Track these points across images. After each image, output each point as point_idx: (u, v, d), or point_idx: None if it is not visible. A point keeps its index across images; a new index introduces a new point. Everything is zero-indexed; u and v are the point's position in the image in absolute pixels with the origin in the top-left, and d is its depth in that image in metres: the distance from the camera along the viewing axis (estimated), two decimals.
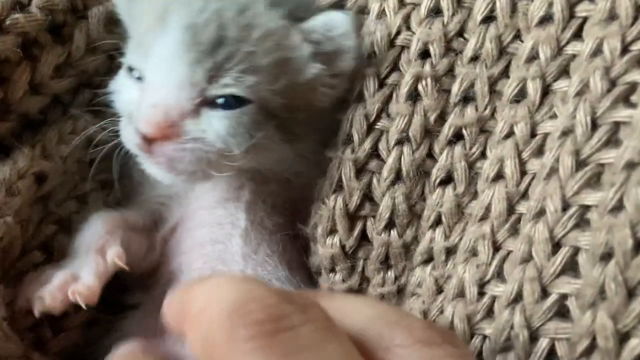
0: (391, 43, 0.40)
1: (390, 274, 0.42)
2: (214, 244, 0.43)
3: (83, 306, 0.39)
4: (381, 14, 0.42)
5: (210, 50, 0.38)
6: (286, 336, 0.25)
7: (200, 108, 0.39)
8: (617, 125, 0.33)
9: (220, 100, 0.39)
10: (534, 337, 0.34)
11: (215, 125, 0.39)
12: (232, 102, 0.39)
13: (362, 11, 0.44)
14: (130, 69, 0.42)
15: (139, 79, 0.41)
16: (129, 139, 0.40)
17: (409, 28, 0.40)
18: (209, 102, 0.39)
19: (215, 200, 0.44)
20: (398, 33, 0.41)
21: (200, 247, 0.44)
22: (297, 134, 0.42)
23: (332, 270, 0.42)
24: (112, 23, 0.47)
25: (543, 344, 0.34)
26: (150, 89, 0.39)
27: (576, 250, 0.33)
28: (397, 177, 0.40)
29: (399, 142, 0.40)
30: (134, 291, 0.46)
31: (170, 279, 0.44)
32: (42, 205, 0.44)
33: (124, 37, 0.44)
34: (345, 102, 0.42)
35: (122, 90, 0.43)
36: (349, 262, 0.42)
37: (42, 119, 0.46)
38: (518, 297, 0.35)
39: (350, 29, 0.41)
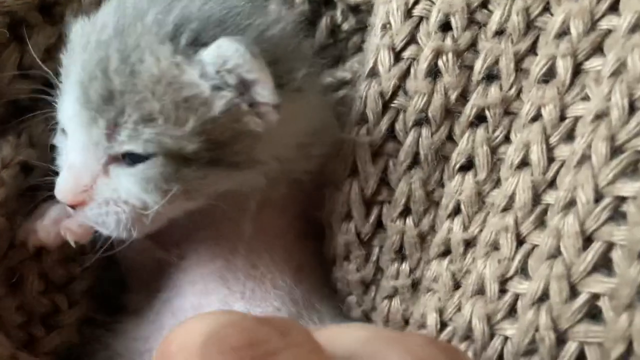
0: (408, 13, 0.37)
1: (405, 266, 0.39)
2: (216, 260, 0.41)
3: (72, 244, 0.40)
4: None
5: (102, 107, 0.35)
6: None
7: (109, 167, 0.37)
8: None
9: (127, 155, 0.36)
10: (561, 340, 0.32)
11: (124, 184, 0.37)
12: (135, 157, 0.36)
13: None
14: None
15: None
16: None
17: None
18: (116, 159, 0.37)
19: (220, 213, 0.41)
20: (416, 2, 0.38)
21: (202, 263, 0.41)
22: (248, 160, 0.37)
23: (347, 258, 0.40)
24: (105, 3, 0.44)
25: (571, 348, 0.31)
26: (67, 150, 0.39)
27: (610, 246, 0.31)
28: (415, 161, 0.38)
29: (417, 123, 0.37)
30: (134, 294, 0.44)
31: (171, 295, 0.42)
32: (29, 198, 0.42)
33: None
34: None
35: (60, 150, 0.40)
36: (364, 250, 0.40)
37: (30, 105, 0.44)
38: (544, 296, 0.32)
39: (245, 62, 0.35)
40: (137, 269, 0.44)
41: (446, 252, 0.38)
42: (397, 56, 0.37)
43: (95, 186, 0.37)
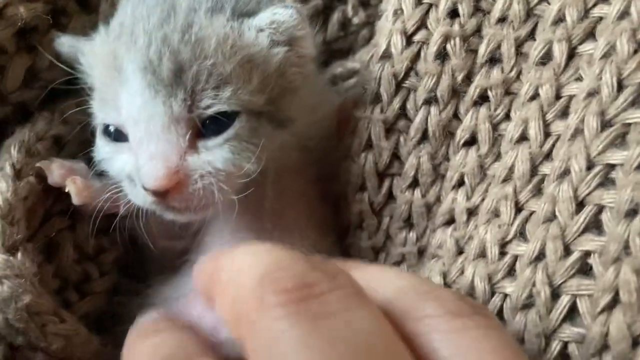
0: (419, 1, 0.40)
1: (412, 235, 0.43)
2: (242, 216, 0.43)
3: (74, 200, 0.41)
4: None
5: (175, 80, 0.37)
6: (315, 303, 0.25)
7: (196, 142, 0.38)
8: None
9: (211, 127, 0.38)
10: (555, 295, 0.35)
11: (217, 153, 0.38)
12: (222, 123, 0.38)
13: None
14: (107, 128, 0.41)
15: (118, 136, 0.41)
16: (140, 199, 0.39)
17: None
18: (201, 133, 0.38)
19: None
20: None
21: (229, 221, 0.43)
22: (288, 117, 0.41)
23: (360, 226, 0.43)
24: None
25: (564, 300, 0.34)
26: (139, 143, 0.38)
27: (600, 209, 0.34)
28: (424, 136, 0.41)
29: (427, 102, 0.40)
30: (156, 262, 0.47)
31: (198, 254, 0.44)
32: None
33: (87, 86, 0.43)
34: None
35: (111, 158, 0.42)
36: (376, 219, 0.43)
37: (66, 89, 0.47)
38: (541, 255, 0.36)
39: (297, 22, 0.40)
40: (161, 237, 0.46)
41: (450, 221, 0.41)
42: (409, 40, 0.40)
43: (186, 164, 0.37)
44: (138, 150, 0.38)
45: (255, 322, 0.26)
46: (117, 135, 0.41)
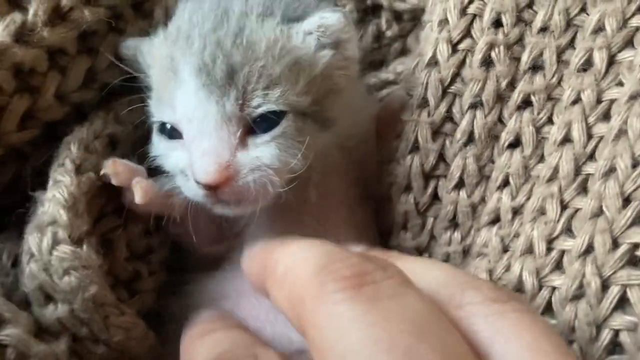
0: (464, 11, 0.43)
1: (457, 235, 0.44)
2: (283, 219, 0.45)
3: (138, 198, 0.41)
4: None
5: (228, 81, 0.39)
6: (370, 288, 0.27)
7: (246, 139, 0.40)
8: None
9: (260, 125, 0.40)
10: (605, 286, 0.36)
11: (265, 149, 0.40)
12: (270, 122, 0.40)
13: None
14: (162, 127, 0.43)
15: (173, 133, 0.43)
16: (193, 192, 0.41)
17: None
18: (251, 131, 0.40)
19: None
20: (471, 2, 0.43)
21: (270, 224, 0.45)
22: (332, 118, 0.43)
23: (404, 227, 0.45)
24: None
25: (615, 290, 0.36)
26: (192, 140, 0.40)
27: None
28: (469, 139, 0.43)
29: (473, 106, 0.43)
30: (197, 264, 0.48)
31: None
32: None
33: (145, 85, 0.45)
34: None
35: (166, 154, 0.43)
36: (420, 219, 0.44)
37: (118, 89, 0.48)
38: (589, 249, 0.37)
39: (344, 25, 0.43)
40: (206, 241, 0.48)
41: (495, 220, 0.43)
42: (454, 48, 0.43)
43: (236, 160, 0.39)
44: (191, 147, 0.40)
45: (315, 307, 0.28)
46: (172, 133, 0.43)
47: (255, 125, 0.40)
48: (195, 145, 0.40)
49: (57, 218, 0.39)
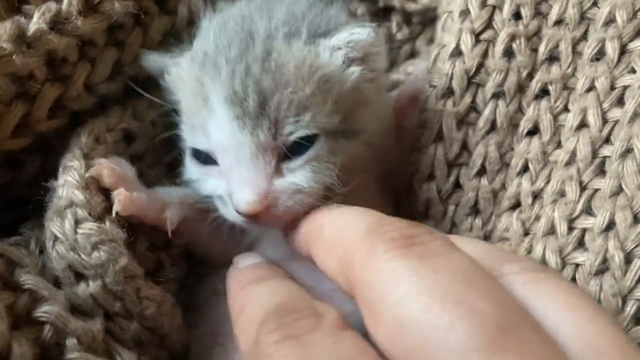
0: (484, 2, 0.45)
1: (478, 221, 0.46)
2: None
3: (115, 209, 0.40)
4: None
5: (260, 112, 0.39)
6: (419, 247, 0.28)
7: (281, 165, 0.40)
8: None
9: (293, 150, 0.40)
10: (628, 259, 0.38)
11: (301, 173, 0.40)
12: (303, 146, 0.40)
13: None
14: (197, 152, 0.43)
15: (207, 159, 0.43)
16: (232, 217, 0.41)
17: None
18: (284, 157, 0.41)
19: None
20: None
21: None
22: (361, 129, 0.43)
23: (426, 215, 0.46)
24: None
25: (638, 263, 0.38)
26: (229, 169, 0.41)
27: None
28: (492, 127, 0.45)
29: (495, 96, 0.44)
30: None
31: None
32: (134, 165, 0.45)
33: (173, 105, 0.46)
34: None
35: (201, 180, 0.44)
36: (442, 207, 0.46)
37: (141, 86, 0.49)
38: (611, 225, 0.39)
39: (375, 40, 0.43)
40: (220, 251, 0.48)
41: (516, 205, 0.45)
42: (477, 38, 0.45)
43: (274, 188, 0.40)
44: (229, 176, 0.41)
45: (366, 265, 0.28)
46: (207, 159, 0.43)
47: (289, 151, 0.40)
48: (233, 175, 0.40)
49: (74, 199, 0.39)
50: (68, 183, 0.40)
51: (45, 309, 0.35)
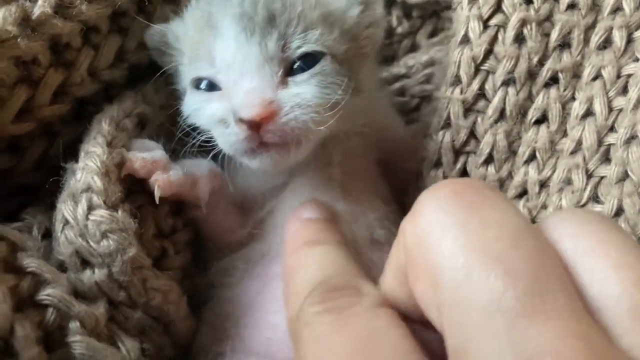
0: None
1: None
2: (313, 191, 0.45)
3: (156, 196, 0.41)
4: None
5: (269, 24, 0.41)
6: (471, 197, 0.27)
7: (286, 79, 0.41)
8: None
9: (299, 64, 0.41)
10: None
11: (306, 87, 0.41)
12: (309, 61, 0.41)
13: None
14: (197, 83, 0.44)
15: (210, 88, 0.43)
16: (233, 140, 0.40)
17: None
18: (290, 72, 0.41)
19: (311, 169, 0.46)
20: None
21: (299, 194, 0.45)
22: (359, 85, 0.44)
23: None
24: None
25: None
26: (234, 83, 0.41)
27: None
28: (501, 116, 0.44)
29: (505, 83, 0.44)
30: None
31: (264, 253, 0.46)
32: None
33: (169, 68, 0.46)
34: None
35: (202, 107, 0.43)
36: None
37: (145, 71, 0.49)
38: (620, 211, 0.39)
39: None
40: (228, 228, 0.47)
41: (523, 193, 0.44)
42: (485, 24, 0.44)
43: (279, 97, 0.40)
44: (232, 90, 0.41)
45: (413, 218, 0.28)
46: (209, 88, 0.43)
47: (296, 68, 0.41)
48: (238, 87, 0.40)
49: (92, 184, 0.38)
50: (88, 167, 0.39)
51: (49, 291, 0.34)
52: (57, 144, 0.44)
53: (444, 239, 0.25)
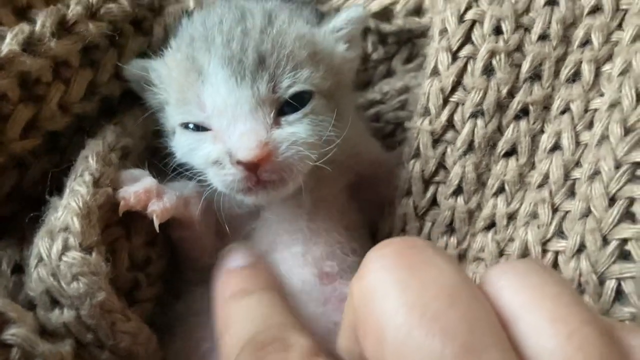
0: (461, 17, 0.45)
1: (453, 239, 0.46)
2: (281, 222, 0.47)
3: (156, 224, 0.41)
4: None
5: (259, 67, 0.42)
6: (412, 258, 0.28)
7: (279, 119, 0.42)
8: None
9: (289, 107, 0.43)
10: (601, 281, 0.38)
11: (299, 126, 0.42)
12: (299, 99, 0.43)
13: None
14: (186, 126, 0.44)
15: (199, 128, 0.44)
16: (229, 180, 0.41)
17: (478, 5, 0.45)
18: (282, 112, 0.43)
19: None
20: (468, 8, 0.45)
21: (268, 226, 0.47)
22: (341, 112, 0.46)
23: (403, 230, 0.46)
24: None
25: (611, 284, 0.38)
26: (227, 128, 0.42)
27: (631, 201, 0.38)
28: (469, 147, 0.45)
29: (474, 115, 0.44)
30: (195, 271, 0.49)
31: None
32: None
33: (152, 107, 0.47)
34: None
35: (195, 147, 0.44)
36: (418, 223, 0.46)
37: (117, 107, 0.49)
38: (581, 248, 0.39)
39: (365, 15, 0.50)
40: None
41: (491, 225, 0.45)
42: (454, 56, 0.45)
43: (273, 137, 0.41)
44: (226, 134, 0.42)
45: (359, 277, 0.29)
46: (197, 128, 0.44)
47: (287, 106, 0.43)
48: (231, 131, 0.41)
49: (70, 225, 0.38)
50: (70, 207, 0.39)
51: (13, 331, 0.34)
52: (29, 176, 0.44)
53: (386, 298, 0.26)
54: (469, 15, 0.45)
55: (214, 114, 0.42)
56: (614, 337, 0.26)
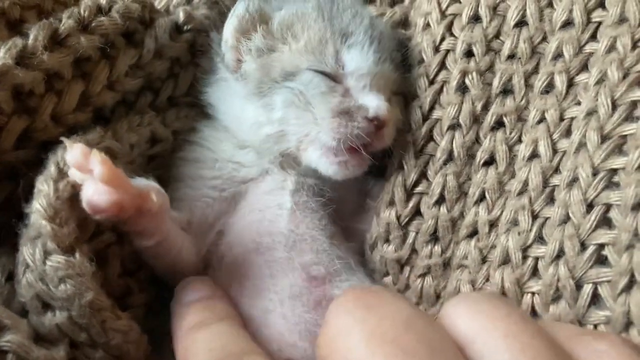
0: (436, 49, 0.48)
1: (438, 248, 0.47)
2: (261, 222, 0.48)
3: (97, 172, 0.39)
4: (426, 26, 0.49)
5: (393, 54, 0.51)
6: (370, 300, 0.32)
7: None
8: (634, 104, 0.40)
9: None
10: (579, 285, 0.39)
11: (397, 108, 0.50)
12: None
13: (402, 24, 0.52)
14: (316, 72, 0.49)
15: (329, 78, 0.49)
16: (354, 133, 0.46)
17: (452, 35, 0.48)
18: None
19: (263, 191, 0.50)
20: (442, 40, 0.48)
21: (248, 226, 0.48)
22: None
23: (387, 240, 0.47)
24: (176, 32, 0.53)
25: (587, 289, 0.39)
26: (363, 89, 0.48)
27: (608, 207, 0.39)
28: (449, 157, 0.46)
29: (451, 127, 0.46)
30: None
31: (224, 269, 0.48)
32: None
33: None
34: None
35: (325, 92, 0.48)
36: (402, 232, 0.47)
37: (110, 117, 0.50)
38: (560, 253, 0.40)
39: None
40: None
41: (473, 233, 0.46)
42: (432, 82, 0.48)
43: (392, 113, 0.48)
44: (361, 94, 0.48)
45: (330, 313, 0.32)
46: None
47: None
48: (369, 93, 0.48)
49: (42, 230, 0.39)
50: (37, 211, 0.40)
51: (8, 338, 0.35)
52: (22, 186, 0.45)
53: (349, 335, 0.29)
54: (444, 46, 0.48)
55: (353, 74, 0.49)
56: (564, 346, 0.29)
